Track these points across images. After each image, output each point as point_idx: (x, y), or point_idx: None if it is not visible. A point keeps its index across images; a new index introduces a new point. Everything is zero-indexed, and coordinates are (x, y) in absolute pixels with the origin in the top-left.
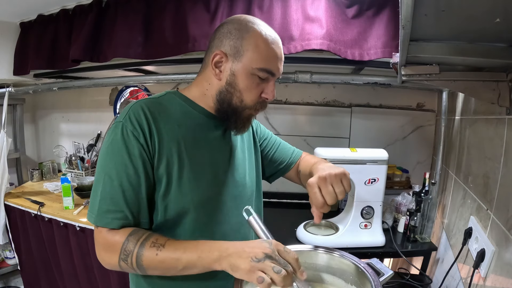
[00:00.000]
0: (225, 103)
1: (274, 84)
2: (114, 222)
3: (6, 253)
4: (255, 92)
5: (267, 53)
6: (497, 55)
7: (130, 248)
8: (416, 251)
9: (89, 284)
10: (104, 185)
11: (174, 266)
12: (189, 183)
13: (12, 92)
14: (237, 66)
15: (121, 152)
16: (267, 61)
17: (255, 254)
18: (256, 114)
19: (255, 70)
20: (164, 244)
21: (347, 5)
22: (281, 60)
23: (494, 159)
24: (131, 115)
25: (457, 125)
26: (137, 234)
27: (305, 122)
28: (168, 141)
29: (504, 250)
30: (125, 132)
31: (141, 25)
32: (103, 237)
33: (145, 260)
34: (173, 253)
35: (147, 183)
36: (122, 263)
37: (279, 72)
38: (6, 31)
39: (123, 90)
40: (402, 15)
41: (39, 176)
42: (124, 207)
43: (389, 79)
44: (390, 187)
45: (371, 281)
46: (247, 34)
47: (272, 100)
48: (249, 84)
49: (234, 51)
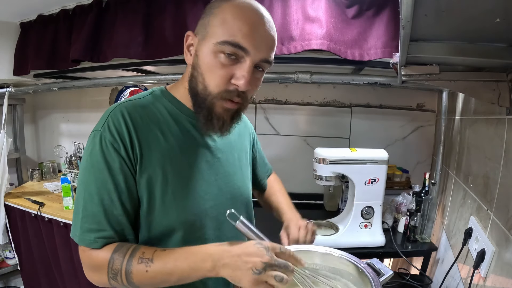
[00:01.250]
0: (193, 92)
1: (249, 68)
2: (97, 242)
3: (6, 253)
4: (219, 75)
5: (233, 24)
6: (497, 55)
7: (117, 266)
8: (416, 251)
9: (89, 284)
10: (85, 202)
11: (167, 280)
12: (174, 200)
13: (12, 92)
14: (201, 44)
15: (100, 166)
16: (231, 33)
17: (254, 264)
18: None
19: (217, 45)
20: (152, 259)
21: (347, 5)
22: (259, 35)
23: (494, 159)
24: (110, 123)
25: (457, 125)
26: (122, 250)
27: (305, 122)
28: (151, 154)
29: (504, 250)
30: (103, 144)
31: (141, 25)
32: (88, 256)
33: (135, 277)
34: (163, 268)
35: (130, 198)
36: (112, 281)
37: (255, 48)
38: (6, 31)
39: (123, 90)
40: (402, 15)
41: (39, 176)
42: (107, 225)
43: (389, 79)
44: (390, 187)
45: (371, 281)
46: (217, 9)
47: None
48: (211, 63)
49: (202, 29)
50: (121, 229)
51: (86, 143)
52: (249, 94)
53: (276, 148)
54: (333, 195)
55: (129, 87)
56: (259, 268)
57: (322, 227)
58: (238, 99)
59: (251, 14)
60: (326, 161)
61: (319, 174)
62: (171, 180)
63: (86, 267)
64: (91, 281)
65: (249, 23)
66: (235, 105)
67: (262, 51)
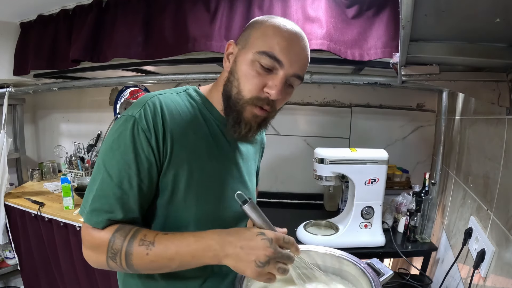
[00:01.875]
0: (227, 96)
1: (282, 79)
2: (103, 223)
3: (6, 253)
4: (254, 82)
5: (273, 38)
6: (497, 55)
7: (117, 246)
8: (416, 251)
9: (89, 284)
10: (102, 182)
11: (167, 265)
12: (196, 198)
13: (12, 92)
14: (241, 52)
15: (127, 150)
16: (270, 45)
17: (257, 257)
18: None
19: (256, 55)
20: (153, 242)
21: (347, 5)
22: (295, 53)
23: (494, 159)
24: (146, 111)
25: (457, 125)
26: (124, 231)
27: (305, 122)
28: (181, 149)
29: (504, 250)
30: (135, 130)
31: (141, 25)
32: (89, 233)
33: (135, 260)
34: (164, 253)
35: (149, 188)
36: (110, 262)
37: (289, 63)
38: (6, 31)
39: (123, 90)
40: (402, 15)
41: (39, 176)
42: (118, 209)
43: (389, 79)
44: (390, 187)
45: (371, 281)
46: (260, 25)
47: (276, 98)
48: (248, 71)
49: (243, 39)
50: (131, 216)
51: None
52: (277, 105)
53: (276, 148)
54: (333, 195)
55: (129, 87)
56: (262, 261)
57: (322, 227)
58: (268, 107)
59: (290, 32)
60: (326, 161)
61: (319, 174)
62: (196, 179)
63: (86, 245)
64: (88, 260)
65: (287, 39)
66: (264, 112)
67: (295, 67)
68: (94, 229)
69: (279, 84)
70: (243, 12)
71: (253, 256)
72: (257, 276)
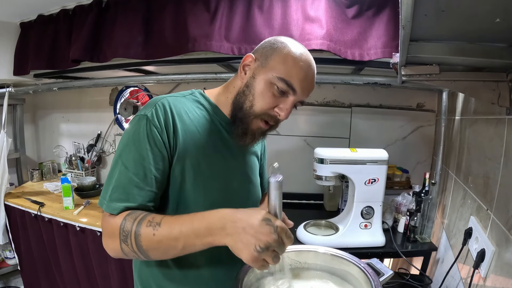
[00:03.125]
0: (238, 106)
1: (292, 103)
2: (119, 209)
3: (6, 253)
4: (268, 102)
5: (292, 68)
6: (497, 55)
7: (128, 227)
8: (416, 251)
9: (89, 284)
10: (120, 174)
11: (173, 246)
12: (203, 187)
13: (12, 92)
14: (260, 70)
15: (143, 144)
16: (289, 74)
17: (258, 242)
18: (265, 128)
19: (275, 79)
20: (160, 223)
21: (347, 5)
22: (307, 83)
23: (494, 159)
24: (157, 110)
25: (457, 125)
26: (135, 214)
27: (305, 122)
28: (188, 145)
29: (504, 250)
30: (148, 127)
31: (141, 25)
32: (107, 221)
33: (144, 240)
34: (169, 233)
35: (162, 178)
36: (123, 245)
37: (301, 92)
38: (6, 31)
39: (123, 90)
40: (402, 15)
41: (39, 176)
42: (135, 198)
43: (389, 79)
44: (390, 187)
45: (371, 281)
46: (280, 48)
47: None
48: (265, 90)
49: (263, 57)
50: (148, 204)
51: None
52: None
53: (276, 148)
54: (333, 195)
55: (129, 87)
56: (262, 247)
57: (322, 227)
58: (273, 123)
59: (306, 64)
60: (326, 161)
61: (319, 174)
62: (202, 169)
63: (104, 234)
64: (107, 249)
65: (304, 71)
66: (267, 126)
67: (305, 95)
68: (111, 216)
69: (289, 107)
70: (243, 12)
71: (254, 240)
72: (252, 260)
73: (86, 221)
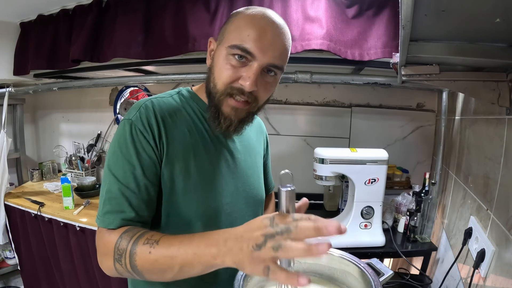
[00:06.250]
0: (208, 93)
1: (255, 70)
2: (115, 222)
3: (6, 253)
4: (227, 74)
5: (244, 31)
6: (497, 55)
7: (123, 246)
8: (416, 251)
9: (89, 284)
10: (110, 185)
11: (169, 266)
12: (195, 192)
13: (12, 92)
14: (217, 49)
15: (129, 151)
16: (241, 38)
17: (255, 240)
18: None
19: (228, 49)
20: (158, 241)
21: (347, 5)
22: (266, 42)
23: (494, 159)
24: (142, 113)
25: (457, 125)
26: (132, 231)
27: (305, 122)
28: (176, 147)
29: (504, 250)
30: (134, 132)
31: (141, 25)
32: (101, 237)
33: (138, 259)
34: (166, 250)
35: (154, 185)
36: (117, 264)
37: (261, 53)
38: (6, 31)
39: (123, 90)
40: (402, 15)
41: (39, 176)
42: (129, 207)
43: (389, 79)
44: (390, 187)
45: (371, 281)
46: (234, 17)
47: (251, 89)
48: (223, 65)
49: (220, 35)
50: (143, 213)
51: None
52: (259, 96)
53: (276, 148)
54: (333, 195)
55: (129, 87)
56: (259, 243)
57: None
58: (243, 97)
59: (261, 21)
60: (326, 161)
61: (319, 174)
62: (193, 173)
63: (98, 251)
64: (101, 267)
65: (258, 29)
66: (242, 104)
67: (269, 56)
68: (107, 231)
69: (253, 75)
70: None
71: (251, 240)
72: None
73: (86, 221)
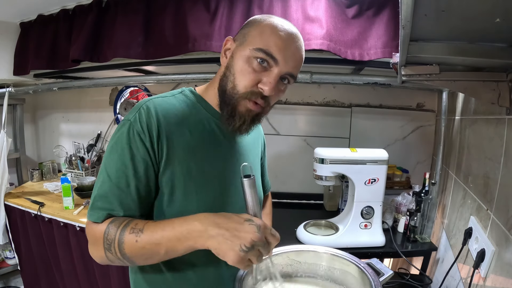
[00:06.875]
0: (222, 90)
1: (276, 76)
2: (103, 217)
3: (6, 253)
4: (249, 78)
5: (270, 37)
6: (497, 55)
7: (111, 236)
8: (416, 251)
9: (89, 284)
10: (102, 183)
11: (156, 251)
12: (196, 194)
13: (12, 92)
14: (238, 49)
15: (124, 152)
16: (267, 43)
17: (243, 242)
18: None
19: (253, 51)
20: (142, 229)
21: (347, 5)
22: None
23: (494, 159)
24: (141, 115)
25: (457, 125)
26: (118, 221)
27: (305, 122)
28: (177, 148)
29: (504, 250)
30: (131, 133)
31: (141, 25)
32: (91, 229)
33: (127, 248)
34: (151, 238)
35: (146, 188)
36: (108, 253)
37: (284, 61)
38: (6, 31)
39: (123, 90)
40: (402, 15)
41: (39, 176)
42: (118, 207)
43: (389, 79)
44: (390, 187)
45: (371, 281)
46: (258, 23)
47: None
48: (244, 67)
49: (241, 36)
50: (130, 213)
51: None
52: (271, 100)
53: (276, 148)
54: (333, 195)
55: (129, 87)
56: (248, 246)
57: (322, 227)
58: (261, 102)
59: (287, 32)
60: (326, 161)
61: (319, 174)
62: (194, 174)
63: (89, 242)
64: (93, 256)
65: (284, 39)
66: (257, 107)
67: (290, 65)
68: (94, 224)
69: (273, 81)
70: (243, 12)
71: (238, 240)
72: (238, 261)
73: (86, 221)
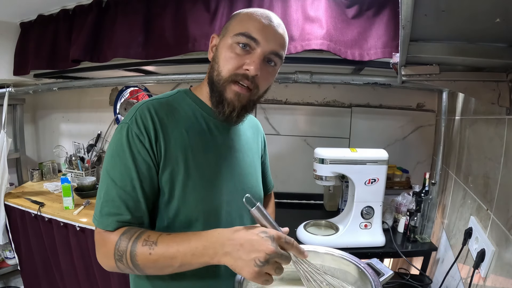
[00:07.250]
0: (211, 82)
1: (259, 55)
2: (112, 224)
3: (6, 253)
4: (233, 62)
5: (248, 21)
6: (497, 55)
7: (123, 247)
8: (416, 251)
9: (89, 284)
10: (107, 188)
11: (169, 265)
12: (194, 191)
13: (12, 92)
14: (221, 40)
15: (126, 155)
16: (246, 27)
17: (257, 256)
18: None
19: (234, 38)
20: (156, 242)
21: (347, 5)
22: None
23: (494, 159)
24: (137, 117)
25: (457, 125)
26: (130, 233)
27: (305, 122)
28: (175, 148)
29: (504, 250)
30: (130, 135)
31: (141, 25)
32: (101, 238)
33: (140, 260)
34: (166, 251)
35: (151, 187)
36: (118, 263)
37: (265, 40)
38: (6, 31)
39: (123, 90)
40: (402, 15)
41: (39, 176)
42: (125, 210)
43: (389, 79)
44: (390, 187)
45: (371, 281)
46: (236, 15)
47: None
48: (227, 54)
49: (224, 30)
50: (139, 215)
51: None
52: (259, 82)
53: (276, 148)
54: (333, 195)
55: (129, 87)
56: (262, 261)
57: (322, 227)
58: (248, 83)
59: (263, 16)
60: (326, 161)
61: (319, 174)
62: (192, 173)
63: (98, 250)
64: (102, 265)
65: (261, 21)
66: (244, 90)
67: (271, 44)
68: (105, 233)
69: (257, 59)
70: None
71: (253, 255)
72: (254, 276)
73: (86, 221)
